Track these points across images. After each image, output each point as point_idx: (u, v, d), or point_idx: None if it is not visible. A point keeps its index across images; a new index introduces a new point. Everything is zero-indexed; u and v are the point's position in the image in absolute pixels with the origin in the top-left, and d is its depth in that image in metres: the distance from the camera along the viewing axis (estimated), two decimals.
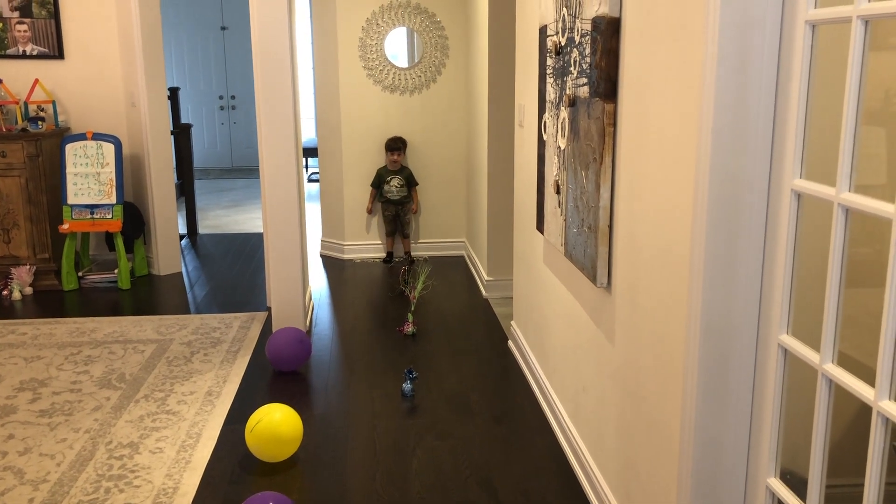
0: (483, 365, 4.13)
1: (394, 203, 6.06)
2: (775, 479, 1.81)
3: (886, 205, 1.36)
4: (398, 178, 6.04)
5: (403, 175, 6.07)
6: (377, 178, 6.09)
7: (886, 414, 1.38)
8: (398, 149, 6.01)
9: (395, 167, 6.04)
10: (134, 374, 3.95)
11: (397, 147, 6.01)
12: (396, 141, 6.03)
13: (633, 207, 2.31)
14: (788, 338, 1.72)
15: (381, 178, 6.06)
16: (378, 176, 6.09)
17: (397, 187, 6.02)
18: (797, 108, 1.63)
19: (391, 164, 6.04)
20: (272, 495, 2.50)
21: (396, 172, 6.05)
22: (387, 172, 6.06)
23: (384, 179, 6.04)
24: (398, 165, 6.05)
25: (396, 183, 6.02)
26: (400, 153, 6.03)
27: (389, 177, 6.04)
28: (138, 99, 5.61)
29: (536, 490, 2.88)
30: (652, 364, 2.19)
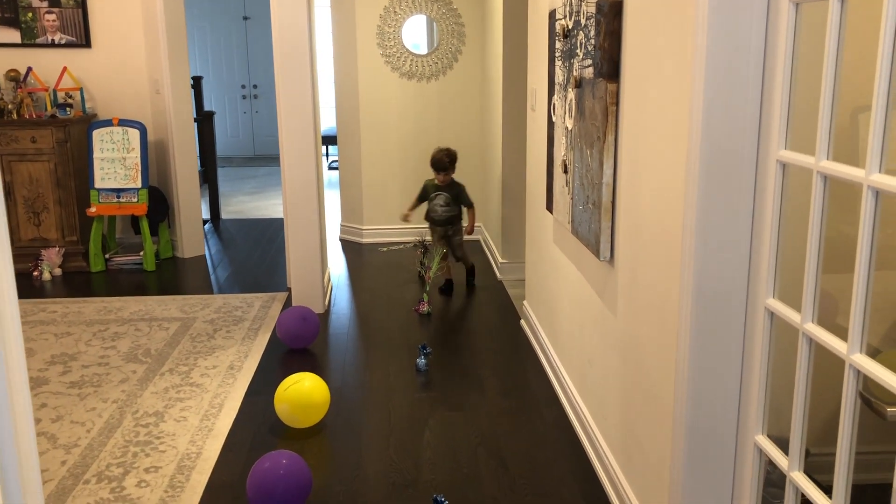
0: (495, 343, 4.24)
1: (440, 224, 5.13)
2: (763, 436, 1.91)
3: (858, 170, 1.45)
4: (444, 195, 5.07)
5: (451, 193, 5.09)
6: (422, 192, 5.19)
7: (857, 366, 1.47)
8: (444, 169, 5.03)
9: (444, 184, 5.09)
10: (159, 350, 4.11)
11: (443, 167, 5.02)
12: (441, 159, 5.03)
13: (634, 183, 2.41)
14: (774, 301, 1.81)
15: (426, 193, 5.16)
16: (423, 190, 5.18)
17: (442, 206, 5.08)
18: (782, 82, 1.73)
19: (439, 182, 5.10)
20: (286, 453, 2.63)
21: (443, 189, 5.09)
22: (433, 188, 5.12)
23: (430, 194, 5.13)
24: (446, 182, 5.10)
25: (441, 201, 5.07)
26: (447, 173, 5.05)
27: (434, 193, 5.10)
28: (163, 86, 5.76)
29: (543, 459, 2.99)
30: (650, 333, 2.30)
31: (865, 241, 1.43)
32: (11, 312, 0.93)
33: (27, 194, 5.50)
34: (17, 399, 0.94)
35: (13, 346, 0.94)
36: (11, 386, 0.94)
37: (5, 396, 0.92)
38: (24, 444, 0.95)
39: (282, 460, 2.61)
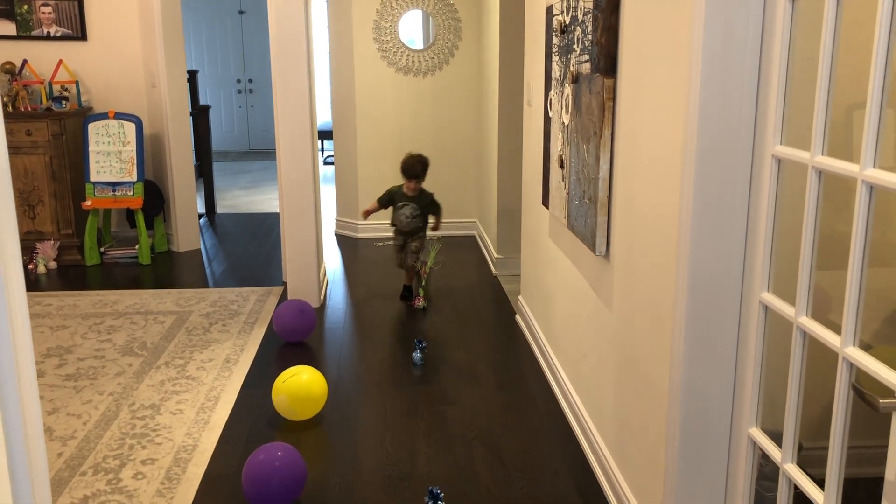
0: (490, 337, 4.26)
1: (402, 233, 4.77)
2: (756, 429, 1.93)
3: (852, 165, 1.47)
4: (412, 206, 4.66)
5: (421, 203, 4.69)
6: (386, 197, 4.74)
7: (850, 359, 1.49)
8: (416, 176, 4.61)
9: (413, 193, 4.68)
10: (155, 343, 4.12)
11: (415, 174, 4.60)
12: (413, 166, 4.61)
13: (630, 178, 2.42)
14: (769, 295, 1.83)
15: (391, 200, 4.72)
16: (388, 196, 4.74)
17: (409, 217, 4.67)
18: (778, 78, 1.74)
19: (408, 190, 4.66)
20: (281, 445, 2.65)
21: (412, 200, 4.67)
22: (401, 197, 4.69)
23: (397, 203, 4.71)
24: (416, 192, 4.68)
25: (409, 212, 4.66)
26: (418, 181, 4.63)
27: (402, 203, 4.68)
28: (158, 80, 5.76)
29: (538, 451, 3.01)
30: (646, 327, 2.32)
31: (859, 235, 1.45)
32: (21, 308, 0.95)
33: (22, 187, 5.49)
34: (26, 391, 0.95)
35: (22, 342, 0.95)
36: (21, 380, 0.95)
37: (13, 388, 0.93)
38: (33, 434, 0.97)
39: (277, 452, 2.62)
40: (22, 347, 0.96)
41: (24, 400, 0.95)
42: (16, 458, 0.93)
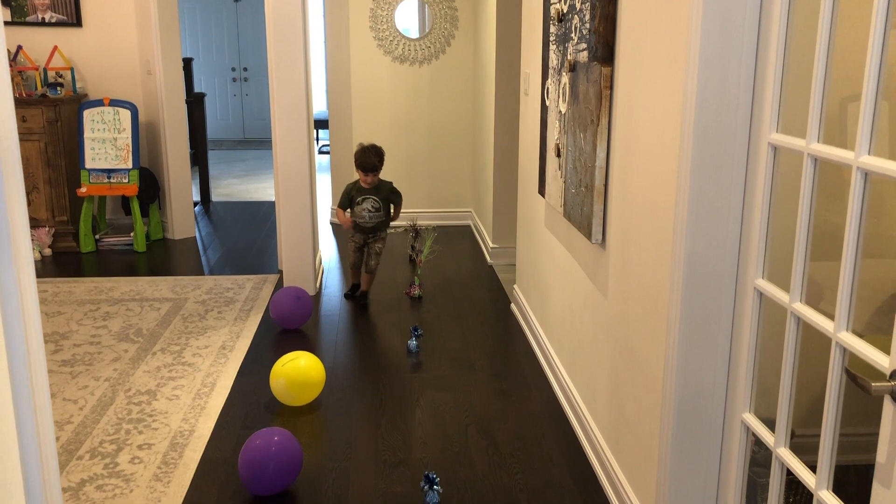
0: (486, 326, 4.28)
1: (364, 230, 4.54)
2: (750, 414, 1.95)
3: (847, 153, 1.49)
4: (372, 199, 4.47)
5: (380, 195, 4.49)
6: (345, 198, 4.54)
7: (843, 344, 1.51)
8: (373, 170, 4.42)
9: (370, 186, 4.47)
10: (151, 330, 4.12)
11: (372, 168, 4.40)
12: (369, 159, 4.40)
13: (626, 166, 2.44)
14: (764, 282, 1.85)
15: (350, 198, 4.52)
16: (346, 195, 4.53)
17: (371, 211, 4.48)
18: (775, 66, 1.76)
19: (365, 184, 4.47)
20: (277, 430, 2.66)
21: (370, 192, 4.47)
22: (359, 191, 4.48)
23: (354, 199, 4.50)
24: (373, 184, 4.47)
25: (370, 206, 4.47)
26: (375, 174, 4.44)
27: (361, 197, 4.47)
28: (154, 67, 5.74)
29: (533, 438, 3.03)
30: (641, 314, 2.33)
31: (854, 221, 1.47)
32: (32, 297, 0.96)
33: None
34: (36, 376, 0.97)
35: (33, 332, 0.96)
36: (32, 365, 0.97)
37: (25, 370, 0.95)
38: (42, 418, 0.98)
39: (273, 437, 2.63)
40: (32, 331, 0.98)
41: (34, 380, 0.96)
42: (26, 433, 0.94)
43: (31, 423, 0.95)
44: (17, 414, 0.94)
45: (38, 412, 0.96)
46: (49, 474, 0.99)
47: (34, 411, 0.95)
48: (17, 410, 0.94)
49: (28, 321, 0.96)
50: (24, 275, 0.97)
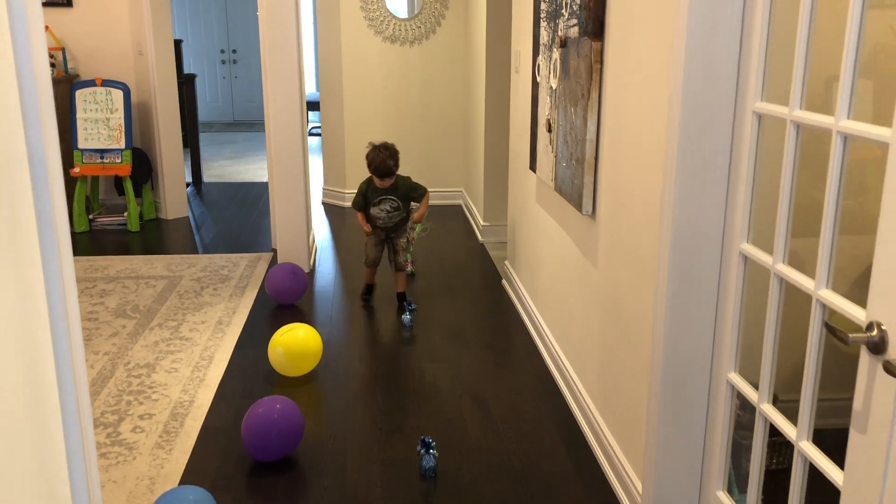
0: (477, 301, 4.35)
1: (384, 229, 4.21)
2: (735, 373, 2.03)
3: (828, 118, 1.56)
4: (391, 199, 4.12)
5: (398, 194, 4.12)
6: (360, 198, 4.16)
7: (823, 300, 1.59)
8: (389, 174, 4.04)
9: (386, 186, 4.09)
10: (147, 306, 4.18)
11: (388, 172, 4.03)
12: (384, 162, 4.01)
13: (616, 138, 2.51)
14: (749, 246, 1.93)
15: (365, 199, 4.14)
16: (362, 195, 4.15)
17: (389, 212, 4.13)
18: (760, 37, 1.83)
19: (380, 184, 4.10)
20: (279, 398, 2.73)
21: (388, 191, 4.10)
22: (374, 192, 4.11)
23: (370, 201, 4.13)
24: (389, 184, 4.10)
25: (388, 207, 4.12)
26: (391, 178, 4.08)
27: (378, 198, 4.11)
28: (145, 48, 5.76)
29: (524, 404, 3.12)
30: (630, 281, 2.41)
31: (834, 183, 1.54)
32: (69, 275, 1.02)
33: None
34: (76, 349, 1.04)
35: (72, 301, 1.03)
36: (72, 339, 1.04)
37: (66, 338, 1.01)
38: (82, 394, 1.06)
39: (275, 405, 2.70)
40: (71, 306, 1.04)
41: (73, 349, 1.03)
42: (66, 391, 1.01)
43: (69, 364, 1.02)
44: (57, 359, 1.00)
45: (73, 354, 1.03)
46: (84, 420, 1.06)
47: (71, 356, 1.01)
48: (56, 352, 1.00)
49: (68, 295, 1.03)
50: (63, 246, 1.03)
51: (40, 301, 0.99)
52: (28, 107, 0.97)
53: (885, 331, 1.38)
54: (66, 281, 1.07)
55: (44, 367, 1.01)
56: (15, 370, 0.94)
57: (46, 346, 1.00)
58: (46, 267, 1.00)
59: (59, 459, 1.05)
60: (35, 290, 0.99)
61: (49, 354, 1.01)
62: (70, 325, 1.06)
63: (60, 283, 1.03)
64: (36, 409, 1.01)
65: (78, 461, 1.05)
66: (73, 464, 1.04)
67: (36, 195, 0.98)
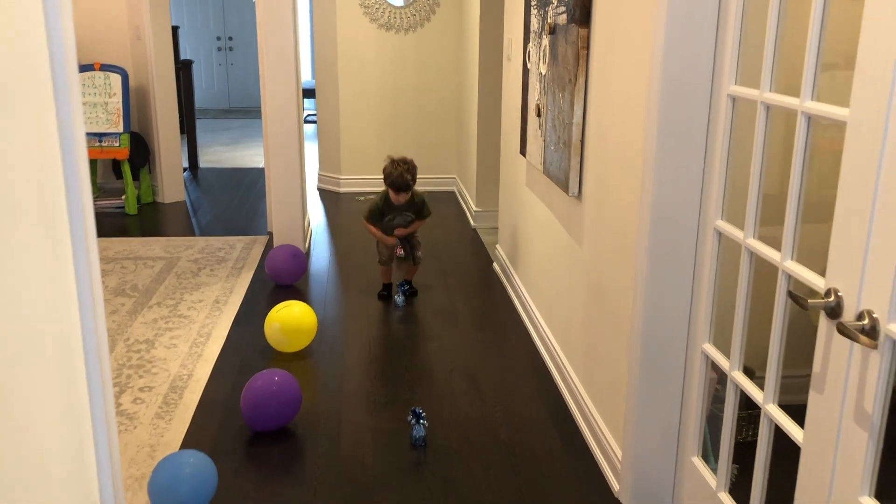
0: (469, 283, 4.46)
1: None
2: (710, 344, 2.14)
3: (794, 99, 1.66)
4: (407, 215, 4.10)
5: (414, 209, 4.09)
6: (376, 214, 4.06)
7: (788, 271, 1.70)
8: (407, 188, 3.96)
9: (402, 202, 4.02)
10: (146, 285, 4.27)
11: (405, 186, 3.94)
12: (401, 176, 3.91)
13: (601, 121, 2.61)
14: (722, 222, 2.04)
15: (381, 215, 4.07)
16: (378, 211, 4.06)
17: (403, 226, 4.13)
18: (734, 24, 1.93)
19: (396, 201, 4.00)
20: (277, 371, 2.83)
21: (404, 208, 4.05)
22: (391, 209, 4.04)
23: (385, 214, 4.07)
24: (405, 200, 4.02)
25: (403, 221, 4.10)
26: (408, 192, 3.99)
27: (393, 215, 4.06)
28: (143, 33, 5.83)
29: (512, 381, 3.23)
30: (613, 258, 2.52)
31: (798, 157, 1.65)
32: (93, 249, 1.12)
33: None
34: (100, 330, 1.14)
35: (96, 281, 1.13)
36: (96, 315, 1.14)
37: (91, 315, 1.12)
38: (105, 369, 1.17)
39: (274, 377, 2.80)
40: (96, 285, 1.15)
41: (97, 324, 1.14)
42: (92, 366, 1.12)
43: (94, 340, 1.13)
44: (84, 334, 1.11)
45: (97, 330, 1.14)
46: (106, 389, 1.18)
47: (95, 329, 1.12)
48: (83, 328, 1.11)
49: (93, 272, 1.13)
50: (89, 224, 1.14)
51: (70, 273, 1.09)
52: (60, 94, 1.06)
53: (841, 297, 1.49)
54: (91, 257, 1.17)
55: (72, 332, 1.12)
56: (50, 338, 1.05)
57: (74, 311, 1.10)
58: (75, 244, 1.11)
59: (84, 407, 1.16)
60: (66, 264, 1.09)
61: (77, 319, 1.12)
62: (94, 295, 1.16)
63: (86, 258, 1.13)
64: (66, 366, 1.11)
65: (99, 409, 1.16)
66: (95, 409, 1.15)
67: (67, 183, 1.08)
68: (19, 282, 0.94)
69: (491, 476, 2.56)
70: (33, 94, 0.99)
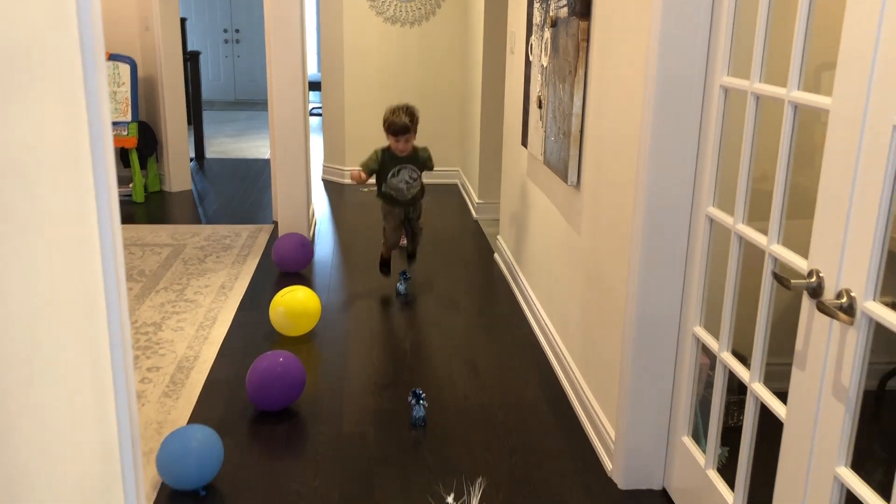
0: (470, 273, 4.53)
1: (404, 204, 3.97)
2: (700, 327, 2.21)
3: (781, 89, 1.73)
4: (410, 168, 3.87)
5: (418, 162, 3.89)
6: (374, 163, 3.86)
7: (774, 254, 1.77)
8: (405, 132, 3.78)
9: (405, 153, 3.85)
10: (153, 271, 4.35)
11: (404, 129, 3.77)
12: (400, 121, 3.76)
13: (600, 112, 2.68)
14: (714, 209, 2.11)
15: (382, 167, 3.86)
16: (376, 161, 3.86)
17: (409, 182, 3.89)
18: (727, 19, 2.00)
19: (399, 151, 3.84)
20: (282, 353, 2.91)
21: (407, 160, 3.86)
22: (393, 160, 3.84)
23: (388, 169, 3.86)
24: (408, 151, 3.85)
25: (407, 177, 3.87)
26: (409, 136, 3.80)
27: (397, 167, 3.85)
28: (152, 23, 5.90)
29: (510, 366, 3.31)
30: (609, 246, 2.59)
31: (785, 145, 1.72)
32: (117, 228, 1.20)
33: None
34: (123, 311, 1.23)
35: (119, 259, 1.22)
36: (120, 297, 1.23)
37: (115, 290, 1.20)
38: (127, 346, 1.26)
39: (279, 359, 2.88)
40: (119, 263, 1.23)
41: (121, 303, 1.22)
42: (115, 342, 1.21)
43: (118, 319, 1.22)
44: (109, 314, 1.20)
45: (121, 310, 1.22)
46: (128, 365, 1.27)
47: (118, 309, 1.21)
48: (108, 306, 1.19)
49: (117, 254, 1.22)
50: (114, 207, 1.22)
51: (96, 250, 1.18)
52: (90, 82, 1.13)
53: (823, 277, 1.56)
54: (116, 237, 1.25)
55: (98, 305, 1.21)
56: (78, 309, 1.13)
57: (99, 283, 1.19)
58: (102, 224, 1.19)
59: (107, 368, 1.24)
60: (92, 242, 1.17)
61: (101, 293, 1.20)
62: (118, 270, 1.24)
63: (111, 235, 1.21)
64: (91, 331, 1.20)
65: (119, 364, 1.24)
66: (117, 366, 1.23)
67: (95, 168, 1.15)
68: (54, 247, 1.02)
69: (488, 455, 2.64)
70: (67, 76, 1.07)
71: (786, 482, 1.72)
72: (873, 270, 1.43)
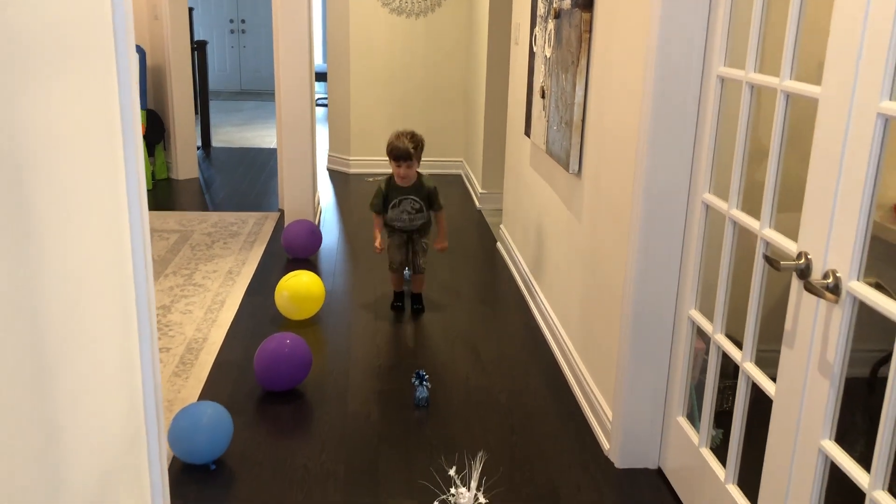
0: (473, 262, 4.61)
1: (407, 231, 3.77)
2: (695, 310, 2.29)
3: (773, 78, 1.80)
4: (411, 200, 3.69)
5: (421, 195, 3.69)
6: (380, 200, 3.71)
7: (765, 238, 1.84)
8: (406, 158, 3.59)
9: (407, 182, 3.67)
10: (161, 256, 4.43)
11: (405, 156, 3.59)
12: (402, 147, 3.58)
13: (601, 101, 2.75)
14: (710, 196, 2.18)
15: (385, 200, 3.70)
16: (381, 196, 3.71)
17: (410, 213, 3.70)
18: (724, 9, 2.06)
19: (400, 179, 3.66)
20: (288, 335, 2.99)
21: (409, 191, 3.69)
22: (395, 191, 3.68)
23: (390, 201, 3.70)
24: (410, 180, 3.67)
25: (409, 207, 3.69)
26: (410, 163, 3.60)
27: (399, 198, 3.68)
28: (161, 12, 5.97)
29: (512, 351, 3.38)
30: (609, 233, 2.66)
31: (777, 133, 1.79)
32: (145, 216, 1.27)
33: None
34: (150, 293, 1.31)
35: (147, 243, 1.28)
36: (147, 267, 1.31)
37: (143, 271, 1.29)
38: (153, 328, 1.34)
39: (286, 340, 2.96)
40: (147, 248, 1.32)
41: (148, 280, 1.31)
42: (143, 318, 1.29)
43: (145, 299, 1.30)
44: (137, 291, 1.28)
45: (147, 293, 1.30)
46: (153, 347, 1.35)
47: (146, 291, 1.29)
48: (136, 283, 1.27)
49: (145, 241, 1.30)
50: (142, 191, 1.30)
51: (126, 229, 1.26)
52: (122, 76, 1.20)
53: (811, 259, 1.63)
54: (143, 216, 1.33)
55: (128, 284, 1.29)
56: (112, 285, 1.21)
57: (128, 261, 1.27)
58: (131, 203, 1.27)
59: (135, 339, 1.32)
60: (122, 222, 1.25)
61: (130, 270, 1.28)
62: (145, 251, 1.32)
63: (140, 217, 1.29)
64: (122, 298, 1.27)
65: (146, 332, 1.32)
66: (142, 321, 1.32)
67: (126, 156, 1.23)
68: (93, 220, 1.09)
69: (489, 435, 2.71)
70: (102, 61, 1.14)
71: (774, 455, 1.79)
72: (857, 252, 1.50)
